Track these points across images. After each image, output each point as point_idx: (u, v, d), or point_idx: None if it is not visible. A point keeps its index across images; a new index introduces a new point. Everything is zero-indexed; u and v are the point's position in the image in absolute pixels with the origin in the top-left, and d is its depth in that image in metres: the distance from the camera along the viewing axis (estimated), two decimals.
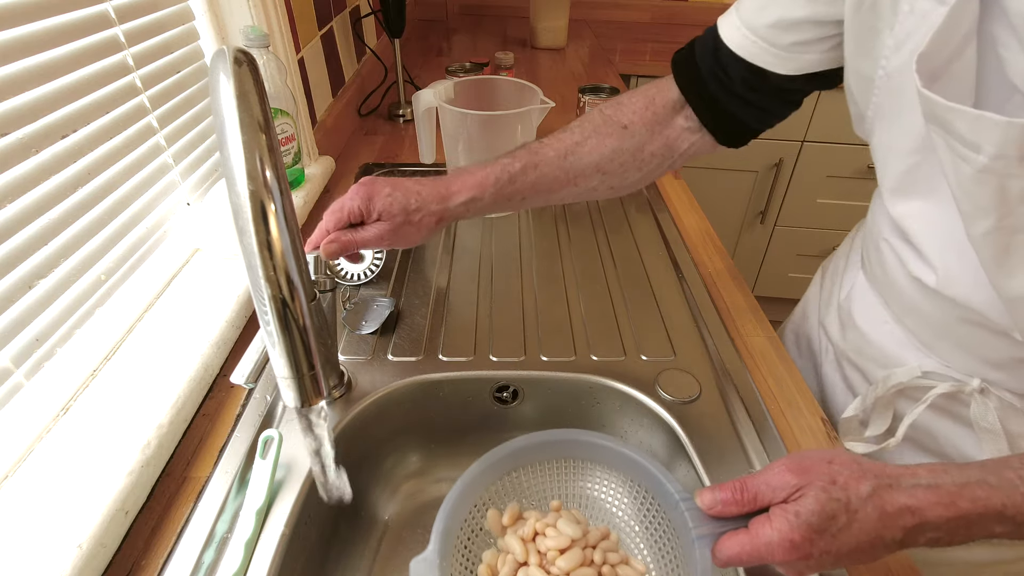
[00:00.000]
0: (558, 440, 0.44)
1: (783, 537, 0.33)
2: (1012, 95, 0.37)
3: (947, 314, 0.49)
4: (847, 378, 0.64)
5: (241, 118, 0.24)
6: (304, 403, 0.26)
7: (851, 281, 0.64)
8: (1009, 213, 0.38)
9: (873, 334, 0.59)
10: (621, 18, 2.13)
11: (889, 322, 0.57)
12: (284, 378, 0.25)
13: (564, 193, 0.57)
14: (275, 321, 0.24)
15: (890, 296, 0.56)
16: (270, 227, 0.23)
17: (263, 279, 0.23)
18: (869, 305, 0.60)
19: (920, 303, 0.52)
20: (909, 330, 0.55)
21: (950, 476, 0.34)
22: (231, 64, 0.25)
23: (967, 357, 0.51)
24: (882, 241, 0.55)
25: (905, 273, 0.52)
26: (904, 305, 0.55)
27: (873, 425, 0.59)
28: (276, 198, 0.24)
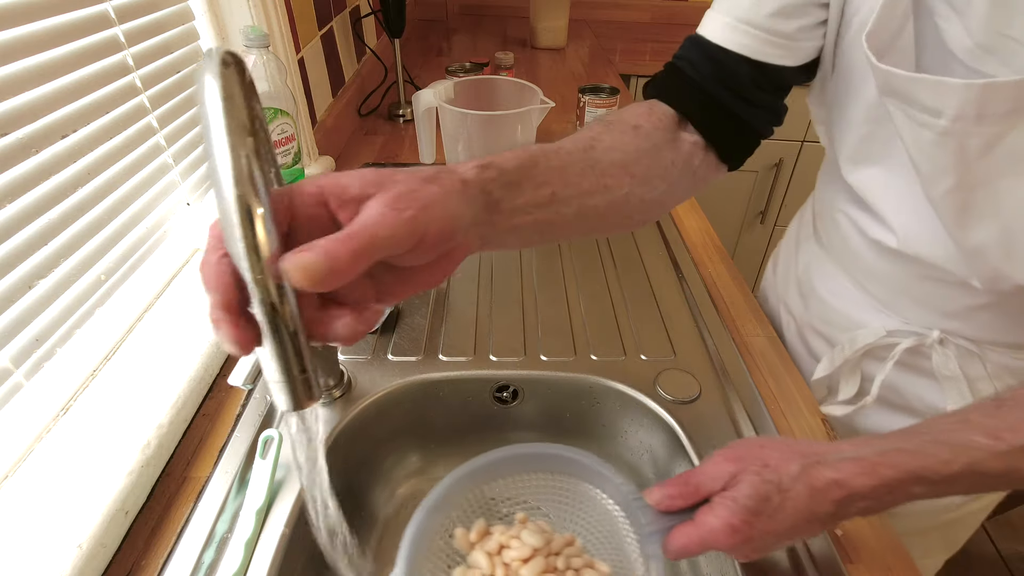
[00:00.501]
0: (519, 455, 0.44)
1: (724, 523, 0.35)
2: (950, 62, 0.40)
3: (906, 272, 0.53)
4: (810, 346, 0.67)
5: (227, 122, 0.23)
6: (296, 406, 0.26)
7: (807, 256, 0.68)
8: (968, 172, 0.41)
9: (834, 301, 0.62)
10: (621, 18, 2.13)
11: (849, 288, 0.61)
12: (275, 382, 0.25)
13: (596, 197, 0.42)
14: (265, 324, 0.24)
15: (849, 263, 0.60)
16: (256, 231, 0.23)
17: (251, 283, 0.23)
18: (828, 274, 0.63)
19: (880, 265, 0.55)
20: (869, 293, 0.59)
21: (871, 447, 0.36)
22: (218, 66, 0.24)
23: (925, 311, 0.55)
24: (838, 212, 0.58)
25: (864, 239, 0.55)
26: (863, 270, 0.58)
27: (843, 389, 0.62)
28: (264, 201, 0.23)
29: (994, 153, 0.39)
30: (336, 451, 0.55)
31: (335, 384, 0.57)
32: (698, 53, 0.51)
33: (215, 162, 0.23)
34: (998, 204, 0.42)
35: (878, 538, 0.47)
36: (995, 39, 0.37)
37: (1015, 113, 0.37)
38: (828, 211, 0.61)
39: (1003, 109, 0.37)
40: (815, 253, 0.66)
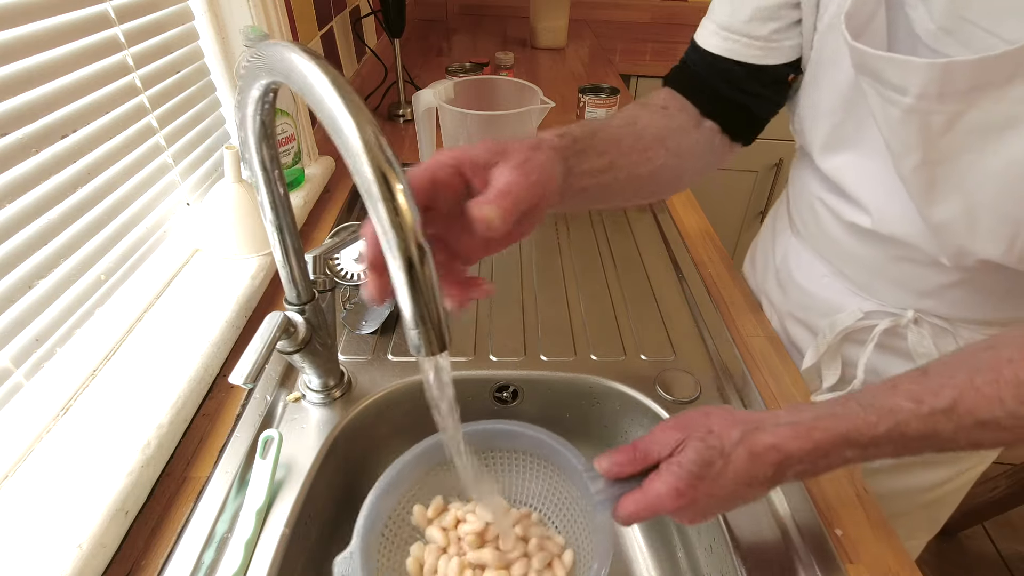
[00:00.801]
0: (476, 431, 0.46)
1: (670, 487, 0.36)
2: (916, 45, 0.43)
3: (881, 254, 0.55)
4: (790, 334, 0.69)
5: (344, 99, 0.28)
6: (429, 352, 0.31)
7: (783, 246, 0.69)
8: (932, 148, 0.43)
9: (812, 287, 0.64)
10: (621, 18, 2.12)
11: (827, 275, 0.62)
12: (412, 330, 0.30)
13: (641, 166, 0.49)
14: (406, 279, 0.28)
15: (826, 249, 0.62)
16: (396, 195, 0.27)
17: (396, 244, 0.28)
18: (805, 263, 0.65)
19: (856, 248, 0.57)
20: (846, 277, 0.61)
21: (806, 413, 0.38)
22: (308, 56, 0.29)
23: (900, 292, 0.57)
24: (815, 200, 0.60)
25: (840, 223, 0.57)
26: (840, 254, 0.60)
27: (827, 375, 0.63)
28: (399, 174, 0.28)
29: (955, 130, 0.41)
30: (336, 451, 0.55)
31: (335, 384, 0.57)
32: (696, 55, 0.58)
33: (348, 140, 0.27)
34: (961, 180, 0.44)
35: (878, 538, 0.47)
36: (955, 22, 0.40)
37: (974, 91, 0.39)
38: (803, 200, 0.63)
39: (963, 87, 0.39)
40: (792, 243, 0.67)
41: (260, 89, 0.36)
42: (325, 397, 0.57)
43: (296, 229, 0.46)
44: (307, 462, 0.51)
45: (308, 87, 0.29)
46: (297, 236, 0.47)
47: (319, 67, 0.29)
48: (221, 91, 0.78)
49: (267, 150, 0.40)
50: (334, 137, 0.28)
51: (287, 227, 0.45)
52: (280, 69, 0.31)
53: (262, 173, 0.41)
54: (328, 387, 0.57)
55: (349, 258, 0.72)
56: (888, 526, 0.48)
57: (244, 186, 0.67)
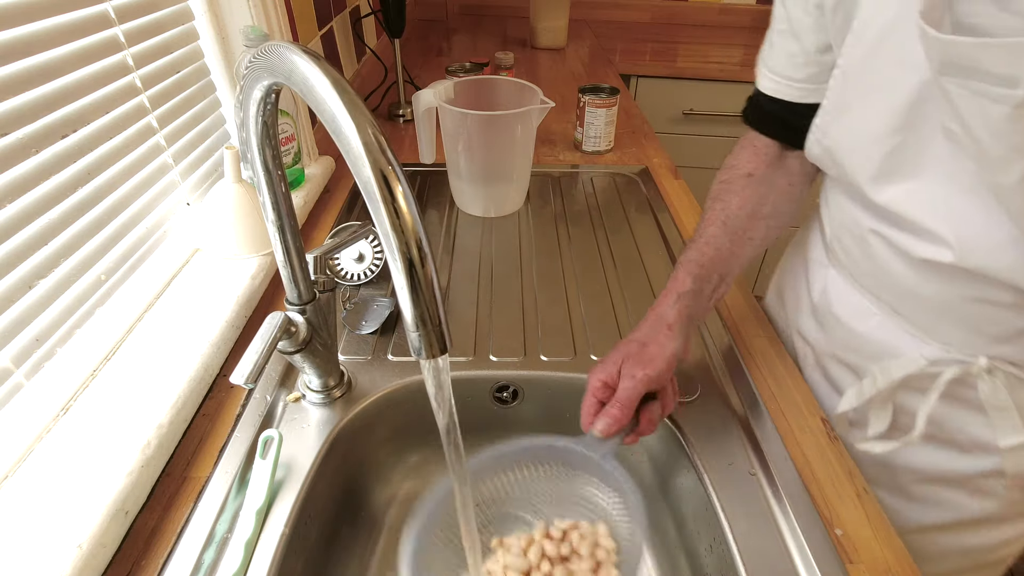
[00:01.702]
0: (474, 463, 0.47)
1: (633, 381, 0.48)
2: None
3: (954, 293, 0.49)
4: (831, 377, 0.63)
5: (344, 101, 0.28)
6: (429, 355, 0.31)
7: (820, 280, 0.64)
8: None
9: (860, 327, 0.58)
10: (621, 18, 2.12)
11: (876, 313, 0.57)
12: (412, 332, 0.30)
13: (747, 251, 0.58)
14: (407, 281, 0.28)
15: (880, 286, 0.56)
16: (397, 197, 0.28)
17: (396, 244, 0.28)
18: (850, 300, 0.60)
19: (921, 287, 0.51)
20: (902, 317, 0.55)
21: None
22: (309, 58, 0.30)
23: (971, 336, 0.51)
24: (867, 233, 0.54)
25: (905, 259, 0.51)
26: (898, 292, 0.54)
27: (874, 422, 0.58)
28: (399, 174, 0.28)
29: None
30: (336, 451, 0.55)
31: (335, 384, 0.57)
32: (758, 94, 0.61)
33: (349, 142, 0.27)
34: None
35: (878, 538, 0.47)
36: None
37: None
38: (848, 232, 0.57)
39: None
40: (832, 277, 0.62)
41: (262, 90, 0.36)
42: (325, 397, 0.57)
43: (298, 229, 0.47)
44: (307, 462, 0.51)
45: (309, 89, 0.29)
46: (299, 236, 0.47)
47: (320, 69, 0.29)
48: (221, 91, 0.78)
49: (269, 150, 0.41)
50: (335, 138, 0.28)
51: (289, 227, 0.45)
52: (281, 70, 0.31)
53: (264, 173, 0.41)
54: (328, 387, 0.57)
55: (349, 258, 0.72)
56: (888, 526, 0.48)
57: (244, 186, 0.67)
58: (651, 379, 0.48)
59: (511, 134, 0.82)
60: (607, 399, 0.49)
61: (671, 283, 0.55)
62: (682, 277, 0.54)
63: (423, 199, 0.94)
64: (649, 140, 1.17)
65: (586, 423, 0.49)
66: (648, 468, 0.62)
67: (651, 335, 0.51)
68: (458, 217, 0.89)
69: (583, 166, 1.06)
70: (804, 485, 0.50)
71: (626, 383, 0.48)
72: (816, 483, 0.51)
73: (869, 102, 0.48)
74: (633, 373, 0.48)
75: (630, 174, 1.03)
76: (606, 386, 0.49)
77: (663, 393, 0.50)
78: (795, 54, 0.55)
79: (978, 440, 0.54)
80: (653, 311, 0.53)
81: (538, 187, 0.97)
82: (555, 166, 1.05)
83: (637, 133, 1.19)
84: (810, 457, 0.53)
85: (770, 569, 0.45)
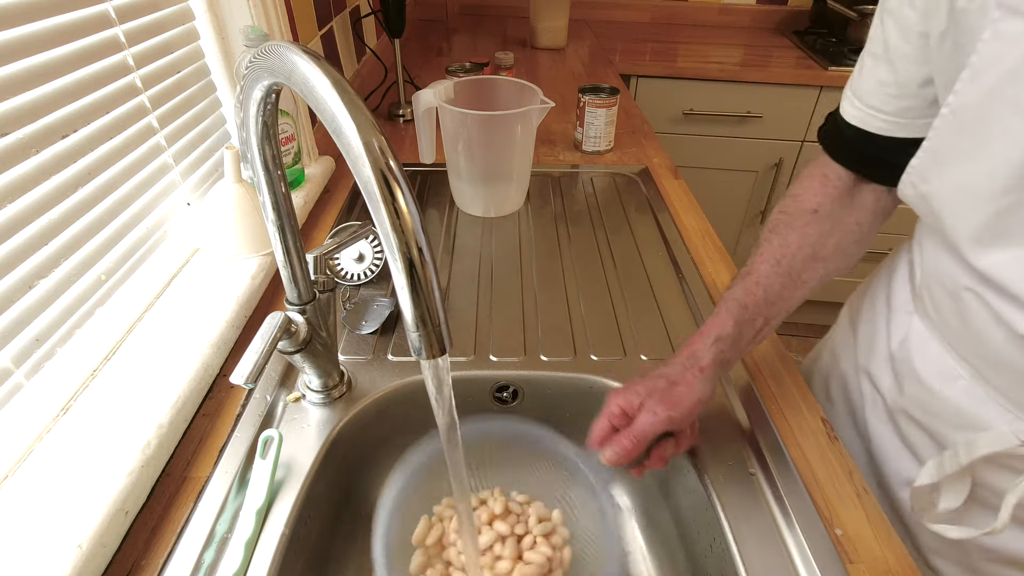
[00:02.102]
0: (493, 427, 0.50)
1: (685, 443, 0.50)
2: None
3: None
4: (906, 437, 0.57)
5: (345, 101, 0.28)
6: (429, 355, 0.31)
7: (902, 328, 0.58)
8: None
9: (944, 391, 0.52)
10: (621, 18, 2.12)
11: (964, 377, 0.51)
12: (412, 332, 0.30)
13: (798, 295, 0.54)
14: (407, 282, 0.29)
15: (972, 351, 0.50)
16: (397, 197, 0.28)
17: (396, 244, 0.28)
18: (934, 357, 0.53)
19: (1021, 362, 0.45)
20: (995, 387, 0.48)
21: None
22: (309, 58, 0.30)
23: None
24: (963, 291, 0.47)
25: (1005, 330, 0.45)
26: (994, 362, 0.48)
27: (947, 497, 0.51)
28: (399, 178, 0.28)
29: None
30: (336, 451, 0.55)
31: (335, 384, 0.57)
32: (840, 125, 0.55)
33: (349, 142, 0.27)
34: None
35: (878, 538, 0.47)
36: None
37: None
38: (941, 285, 0.51)
39: None
40: (916, 327, 0.56)
41: (262, 90, 0.36)
42: (325, 397, 0.57)
43: (298, 229, 0.47)
44: (307, 462, 0.51)
45: (309, 89, 0.29)
46: (299, 236, 0.47)
47: (320, 69, 0.29)
48: (221, 91, 0.78)
49: (269, 150, 0.41)
50: (335, 138, 0.28)
51: (289, 227, 0.45)
52: (282, 71, 0.31)
53: (264, 173, 0.41)
54: (328, 387, 0.57)
55: (349, 258, 0.72)
56: (888, 526, 0.48)
57: (244, 186, 0.67)
58: (673, 420, 0.46)
59: (511, 134, 0.82)
60: (622, 427, 0.47)
61: (712, 321, 0.51)
62: (724, 317, 0.51)
63: (423, 199, 0.94)
64: (649, 140, 1.17)
65: (592, 443, 0.48)
66: None
67: (682, 375, 0.48)
68: (458, 217, 0.89)
69: (583, 166, 1.06)
70: (804, 485, 0.50)
71: (646, 418, 0.46)
72: (816, 483, 0.51)
73: (983, 153, 0.42)
74: (656, 410, 0.46)
75: (630, 174, 1.03)
76: (624, 414, 0.48)
77: (681, 434, 0.49)
78: (887, 84, 0.49)
79: None
80: (688, 348, 0.51)
81: (538, 187, 0.97)
82: (555, 166, 1.05)
83: (637, 133, 1.19)
84: (810, 457, 0.53)
85: (770, 569, 0.45)
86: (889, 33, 0.48)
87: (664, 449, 0.48)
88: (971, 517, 0.52)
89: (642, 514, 0.63)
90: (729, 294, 0.53)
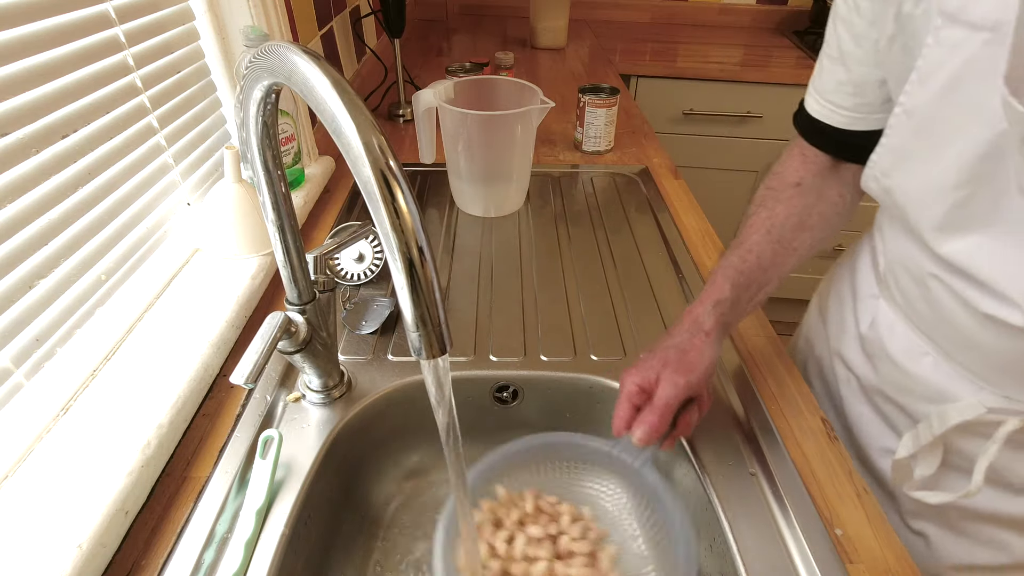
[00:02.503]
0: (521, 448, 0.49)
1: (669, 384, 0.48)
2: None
3: (1021, 350, 0.46)
4: (881, 410, 0.61)
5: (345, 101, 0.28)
6: (429, 355, 0.31)
7: (870, 312, 0.61)
8: None
9: (914, 368, 0.56)
10: (621, 18, 2.12)
11: (931, 354, 0.54)
12: (412, 332, 0.30)
13: (790, 262, 0.56)
14: (407, 281, 0.28)
15: (937, 331, 0.53)
16: (397, 197, 0.28)
17: (396, 245, 0.28)
18: (902, 336, 0.57)
19: (985, 340, 0.48)
20: (960, 363, 0.52)
21: None
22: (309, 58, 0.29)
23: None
24: (928, 277, 0.50)
25: (968, 311, 0.47)
26: (958, 341, 0.51)
27: (922, 464, 0.55)
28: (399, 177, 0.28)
29: None
30: (336, 451, 0.55)
31: (335, 384, 0.57)
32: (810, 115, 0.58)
33: (349, 142, 0.27)
34: None
35: (878, 538, 0.47)
36: None
37: None
38: (906, 272, 0.54)
39: None
40: (883, 310, 0.59)
41: (262, 90, 0.36)
42: (325, 397, 0.57)
43: (298, 229, 0.47)
44: (307, 462, 0.51)
45: (309, 89, 0.29)
46: (299, 236, 0.47)
47: (320, 69, 0.29)
48: (221, 91, 0.78)
49: (269, 150, 0.41)
50: (335, 138, 0.28)
51: (289, 227, 0.45)
52: (282, 71, 0.31)
53: (264, 173, 0.41)
54: (328, 387, 0.57)
55: (349, 258, 0.72)
56: (888, 526, 0.48)
57: (244, 186, 0.67)
58: (691, 386, 0.47)
59: (511, 134, 0.82)
60: (643, 404, 0.48)
61: (709, 288, 0.53)
62: (720, 283, 0.53)
63: (423, 199, 0.94)
64: (649, 140, 1.17)
65: (620, 428, 0.48)
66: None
67: (690, 341, 0.50)
68: (458, 217, 0.89)
69: (583, 166, 1.06)
70: (804, 485, 0.50)
71: (667, 389, 0.47)
72: (816, 483, 0.51)
73: (936, 151, 0.44)
74: (676, 380, 0.47)
75: (630, 174, 1.03)
76: (642, 391, 0.48)
77: (700, 398, 0.50)
78: (845, 83, 0.53)
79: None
80: (689, 315, 0.52)
81: (538, 187, 0.97)
82: (555, 166, 1.05)
83: (637, 133, 1.19)
84: (810, 457, 0.53)
85: (770, 569, 0.45)
86: (842, 38, 0.52)
87: (690, 416, 0.49)
88: (947, 482, 0.55)
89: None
90: (724, 261, 0.55)
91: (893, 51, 0.47)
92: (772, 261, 0.55)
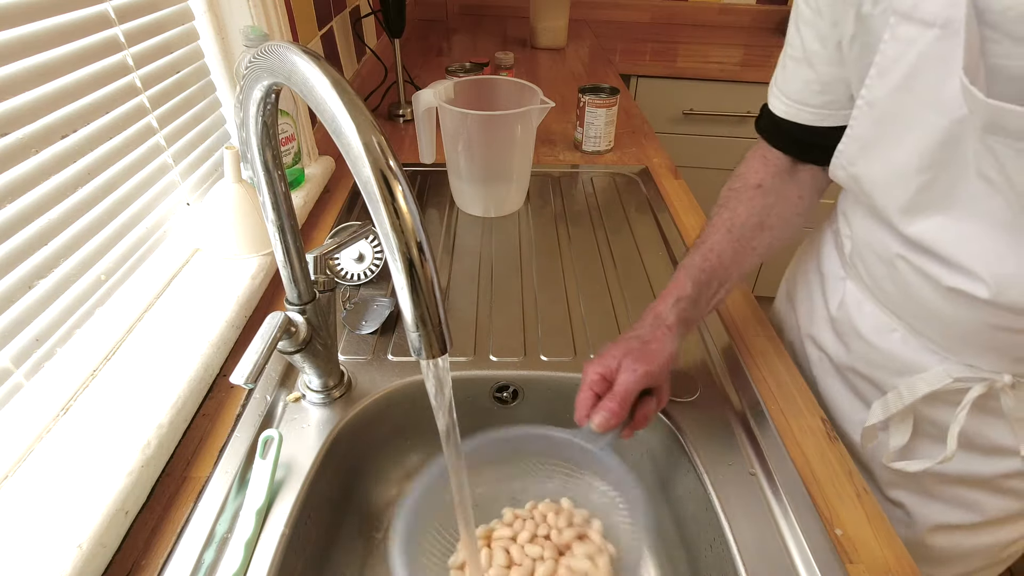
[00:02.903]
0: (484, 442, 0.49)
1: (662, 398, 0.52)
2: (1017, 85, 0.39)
3: (983, 322, 0.49)
4: (853, 386, 0.64)
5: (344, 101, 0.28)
6: (429, 355, 0.31)
7: (838, 293, 0.64)
8: None
9: (883, 343, 0.59)
10: (621, 18, 2.13)
11: (899, 330, 0.57)
12: (412, 332, 0.30)
13: (749, 260, 0.59)
14: (406, 281, 0.28)
15: (904, 308, 0.56)
16: (397, 197, 0.28)
17: (395, 244, 0.28)
18: (871, 315, 0.60)
19: (949, 313, 0.51)
20: (927, 337, 0.55)
21: None
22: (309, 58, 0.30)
23: (997, 357, 0.52)
24: (895, 258, 0.53)
25: (936, 287, 0.50)
26: (924, 316, 0.54)
27: (895, 435, 0.58)
28: (399, 176, 0.28)
29: None
30: (336, 451, 0.55)
31: (335, 384, 0.57)
32: (774, 117, 0.60)
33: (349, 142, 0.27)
34: None
35: (878, 538, 0.47)
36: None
37: None
38: (876, 255, 0.56)
39: None
40: (850, 291, 0.62)
41: (262, 90, 0.36)
42: (325, 397, 0.57)
43: (298, 229, 0.47)
44: (307, 462, 0.51)
45: (309, 89, 0.29)
46: (299, 236, 0.47)
47: (320, 69, 0.29)
48: (221, 91, 0.78)
49: (269, 150, 0.41)
50: (335, 139, 0.28)
51: (289, 227, 0.45)
52: (281, 71, 0.31)
53: (264, 173, 0.41)
54: (328, 387, 0.57)
55: (349, 258, 0.72)
56: (888, 526, 0.48)
57: (244, 186, 0.67)
58: (651, 375, 0.48)
59: (511, 134, 0.82)
60: (603, 392, 0.49)
61: (672, 285, 0.55)
62: (683, 280, 0.55)
63: (423, 199, 0.94)
64: (649, 140, 1.17)
65: (581, 416, 0.49)
66: (648, 468, 0.62)
67: (652, 333, 0.51)
68: (458, 217, 0.89)
69: (583, 166, 1.06)
70: (804, 485, 0.50)
71: (626, 376, 0.48)
72: (816, 483, 0.51)
73: (897, 140, 0.47)
74: (635, 368, 0.48)
75: (630, 174, 1.03)
76: (603, 379, 0.49)
77: (659, 390, 0.51)
78: (812, 82, 0.55)
79: (1000, 445, 0.56)
80: (651, 311, 0.54)
81: (538, 187, 0.97)
82: (555, 166, 1.05)
83: (637, 133, 1.19)
84: (810, 457, 0.53)
85: (770, 569, 0.45)
86: (806, 39, 0.54)
87: (646, 407, 0.50)
88: (921, 450, 0.59)
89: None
90: (687, 261, 0.57)
91: (854, 50, 0.49)
92: (733, 259, 0.57)
